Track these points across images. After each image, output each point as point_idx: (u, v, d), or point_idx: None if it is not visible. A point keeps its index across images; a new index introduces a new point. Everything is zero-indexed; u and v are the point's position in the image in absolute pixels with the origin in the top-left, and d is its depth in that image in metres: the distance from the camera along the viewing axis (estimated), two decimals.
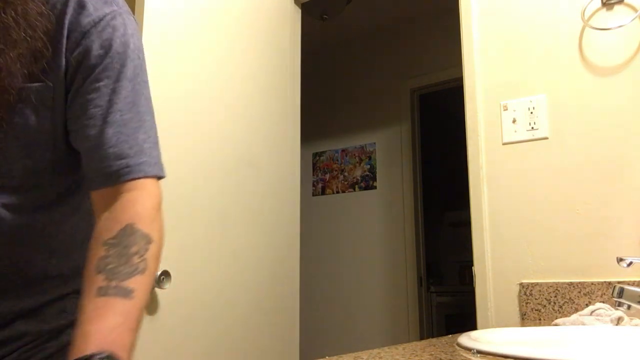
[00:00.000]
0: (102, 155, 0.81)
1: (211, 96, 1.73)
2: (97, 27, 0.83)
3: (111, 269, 0.74)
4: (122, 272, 0.74)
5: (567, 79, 1.59)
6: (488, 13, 1.76)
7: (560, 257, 1.53)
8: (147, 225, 0.81)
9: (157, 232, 0.82)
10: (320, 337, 3.70)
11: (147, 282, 0.77)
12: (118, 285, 0.73)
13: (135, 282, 0.75)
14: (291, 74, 2.13)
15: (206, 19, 1.74)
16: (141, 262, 0.77)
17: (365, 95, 3.86)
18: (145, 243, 0.79)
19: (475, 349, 0.82)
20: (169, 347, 1.49)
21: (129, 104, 0.84)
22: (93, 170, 0.83)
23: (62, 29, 0.82)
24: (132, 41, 0.86)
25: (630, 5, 1.52)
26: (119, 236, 0.77)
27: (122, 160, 0.81)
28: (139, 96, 0.86)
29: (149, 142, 0.86)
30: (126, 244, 0.77)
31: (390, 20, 3.74)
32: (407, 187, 3.55)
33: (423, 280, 3.49)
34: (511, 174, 1.64)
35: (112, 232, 0.78)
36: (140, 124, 0.85)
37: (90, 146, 0.82)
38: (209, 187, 1.68)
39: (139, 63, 0.87)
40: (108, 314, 0.71)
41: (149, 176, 0.84)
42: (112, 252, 0.76)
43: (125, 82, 0.84)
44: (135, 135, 0.83)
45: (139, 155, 0.83)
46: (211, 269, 1.65)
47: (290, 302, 1.97)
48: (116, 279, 0.74)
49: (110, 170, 0.81)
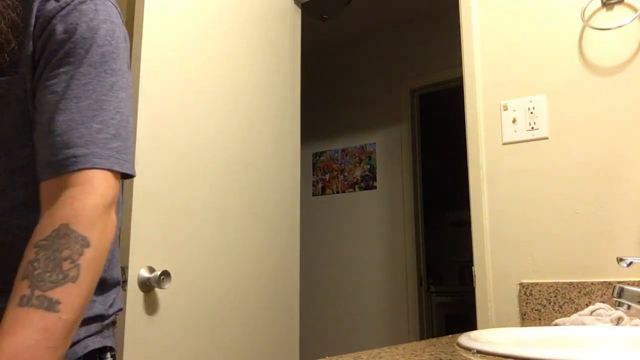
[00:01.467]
0: (48, 144, 0.74)
1: (211, 96, 1.73)
2: (62, 12, 0.79)
3: (37, 275, 0.66)
4: (47, 279, 0.66)
5: (567, 79, 1.59)
6: (488, 13, 1.76)
7: (560, 257, 1.53)
8: (85, 227, 0.70)
9: (97, 234, 0.71)
10: (320, 337, 3.70)
11: (78, 293, 0.68)
12: (41, 296, 0.65)
13: (63, 292, 0.66)
14: (291, 74, 2.13)
15: (206, 19, 1.74)
16: (72, 269, 0.67)
17: (365, 95, 3.86)
18: (79, 247, 0.69)
19: (475, 349, 0.82)
20: (169, 347, 1.49)
21: (87, 91, 0.76)
22: (39, 160, 0.75)
23: (30, 17, 0.79)
24: (104, 27, 0.80)
25: (630, 5, 1.52)
26: (51, 237, 0.68)
27: (68, 150, 0.73)
28: (102, 84, 0.78)
29: (105, 132, 0.76)
30: (57, 247, 0.68)
31: (390, 20, 3.74)
32: (407, 187, 3.55)
33: (423, 280, 3.49)
34: (511, 174, 1.64)
35: (44, 233, 0.69)
36: (97, 113, 0.76)
37: (40, 135, 0.75)
38: (209, 186, 1.68)
39: (109, 49, 0.80)
40: (25, 329, 0.63)
41: (99, 169, 0.74)
42: (41, 255, 0.67)
43: (87, 68, 0.77)
44: (88, 124, 0.75)
45: (88, 146, 0.74)
46: (211, 268, 1.65)
47: (290, 301, 1.97)
48: (40, 288, 0.65)
49: (55, 159, 0.73)
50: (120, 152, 0.78)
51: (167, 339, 1.48)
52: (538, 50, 1.65)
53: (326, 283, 3.77)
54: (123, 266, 1.40)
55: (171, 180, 1.55)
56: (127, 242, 1.40)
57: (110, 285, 0.91)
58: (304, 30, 2.32)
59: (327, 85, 4.06)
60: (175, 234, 1.54)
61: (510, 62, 1.69)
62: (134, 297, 1.40)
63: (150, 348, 1.43)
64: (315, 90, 4.01)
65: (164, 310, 1.48)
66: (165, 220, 1.52)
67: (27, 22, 0.79)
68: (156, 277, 1.42)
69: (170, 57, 1.59)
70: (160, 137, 1.53)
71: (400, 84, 3.71)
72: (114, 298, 0.92)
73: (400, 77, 3.71)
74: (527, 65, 1.66)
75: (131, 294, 1.40)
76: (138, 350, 1.40)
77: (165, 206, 1.52)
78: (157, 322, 1.46)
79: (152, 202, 1.48)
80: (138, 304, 1.42)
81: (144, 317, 1.43)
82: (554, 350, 0.71)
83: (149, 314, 1.44)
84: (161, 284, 1.43)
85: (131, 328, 1.38)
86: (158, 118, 1.53)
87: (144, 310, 1.43)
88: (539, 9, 1.66)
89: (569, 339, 1.03)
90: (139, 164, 1.45)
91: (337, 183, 3.87)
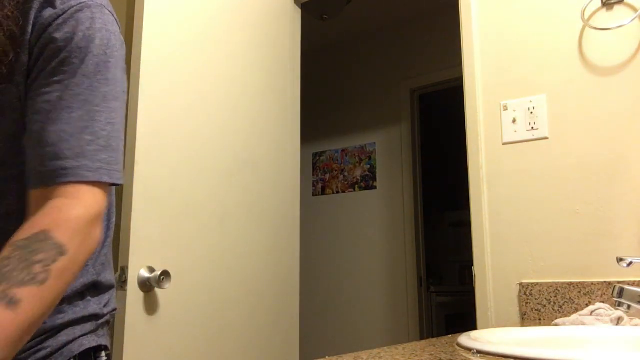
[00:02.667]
0: (39, 154, 0.75)
1: (211, 96, 1.73)
2: (58, 20, 0.79)
3: (6, 272, 0.66)
4: (15, 277, 0.66)
5: (567, 79, 1.59)
6: (488, 13, 1.76)
7: (560, 257, 1.53)
8: (65, 236, 0.71)
9: (76, 245, 0.72)
10: (320, 337, 3.70)
11: (41, 296, 0.68)
12: (4, 291, 0.65)
13: (26, 292, 0.66)
14: (291, 74, 2.13)
15: (206, 19, 1.74)
16: (42, 273, 0.68)
17: (365, 95, 3.86)
18: (55, 254, 0.70)
19: (475, 349, 0.82)
20: (169, 347, 1.49)
21: (80, 102, 0.77)
22: (29, 170, 0.77)
23: (27, 25, 0.79)
24: (99, 36, 0.81)
25: (630, 5, 1.52)
26: (29, 239, 0.70)
27: (58, 162, 0.74)
28: (95, 94, 0.79)
29: (95, 144, 0.77)
30: (33, 249, 0.69)
31: (390, 20, 3.74)
32: (407, 187, 3.55)
33: (423, 280, 3.49)
34: (511, 174, 1.64)
35: (23, 235, 0.70)
36: (88, 124, 0.77)
37: (31, 144, 0.77)
38: (209, 187, 1.68)
39: (103, 59, 0.80)
40: None
41: (88, 182, 0.76)
42: (15, 254, 0.68)
43: (81, 79, 0.78)
44: (79, 136, 0.76)
45: (77, 158, 0.75)
46: (211, 269, 1.65)
47: (290, 301, 1.97)
48: (5, 283, 0.66)
49: (45, 170, 0.75)
50: (110, 163, 0.79)
51: (167, 339, 1.48)
52: (538, 50, 1.65)
53: (326, 283, 3.77)
54: (123, 266, 1.40)
55: (171, 180, 1.55)
56: (127, 242, 1.40)
57: (105, 288, 0.92)
58: (304, 30, 2.32)
59: (327, 85, 4.06)
60: (175, 234, 1.54)
61: (510, 62, 1.69)
62: (134, 297, 1.40)
63: (150, 348, 1.43)
64: (315, 90, 4.01)
65: (164, 310, 1.48)
66: (165, 220, 1.52)
67: (25, 31, 0.79)
68: (156, 277, 1.42)
69: (170, 57, 1.59)
70: (160, 137, 1.53)
71: (400, 84, 3.71)
72: (108, 299, 0.93)
73: (400, 77, 3.71)
74: (527, 65, 1.66)
75: (131, 294, 1.40)
76: (138, 350, 1.40)
77: (166, 206, 1.52)
78: (157, 322, 1.46)
79: (152, 202, 1.48)
80: (138, 304, 1.42)
81: (144, 317, 1.43)
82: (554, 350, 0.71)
83: (149, 314, 1.44)
84: (161, 284, 1.43)
85: (131, 328, 1.38)
86: (158, 118, 1.53)
87: (144, 310, 1.43)
88: (539, 9, 1.66)
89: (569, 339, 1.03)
90: (138, 163, 1.45)
91: (337, 183, 3.87)
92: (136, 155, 1.44)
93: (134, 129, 1.46)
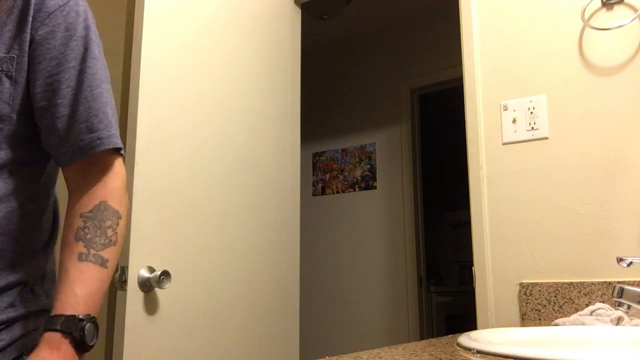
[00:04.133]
0: (75, 131, 0.87)
1: (210, 96, 1.73)
2: (62, 11, 0.89)
3: (89, 238, 0.84)
4: (98, 242, 0.84)
5: (567, 79, 1.59)
6: (488, 13, 1.76)
7: (560, 257, 1.53)
8: (117, 203, 0.89)
9: (124, 209, 0.91)
10: (320, 337, 3.70)
11: (117, 254, 0.87)
12: (96, 255, 0.83)
13: (109, 253, 0.85)
14: (291, 74, 2.13)
15: (206, 19, 1.74)
16: (113, 235, 0.86)
17: (365, 95, 3.86)
18: (116, 218, 0.88)
19: (475, 349, 0.82)
20: (169, 347, 1.49)
21: (97, 80, 0.90)
22: (67, 146, 0.88)
23: (29, 8, 0.88)
24: (92, 26, 0.93)
25: (630, 6, 1.52)
26: (94, 210, 0.86)
27: (93, 134, 0.88)
28: (104, 74, 0.92)
29: (114, 116, 0.92)
30: (101, 217, 0.86)
31: (390, 20, 3.74)
32: (407, 187, 3.55)
33: (423, 280, 3.49)
34: (511, 174, 1.64)
35: (87, 207, 0.86)
36: (107, 100, 0.91)
37: (64, 124, 0.88)
38: (209, 187, 1.68)
39: (98, 43, 0.93)
40: (90, 280, 0.81)
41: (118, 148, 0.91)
42: (89, 224, 0.84)
43: (93, 61, 0.90)
44: (104, 110, 0.90)
45: (108, 129, 0.90)
46: (211, 269, 1.65)
47: (290, 301, 1.97)
48: (94, 249, 0.83)
49: (83, 143, 0.88)
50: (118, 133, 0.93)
51: (167, 339, 1.48)
52: (538, 50, 1.65)
53: (326, 283, 3.77)
54: (123, 266, 1.40)
55: (171, 180, 1.55)
56: (127, 242, 1.40)
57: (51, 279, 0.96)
58: (304, 30, 2.32)
59: (327, 85, 4.06)
60: (175, 234, 1.54)
61: (510, 62, 1.69)
62: (134, 297, 1.40)
63: (150, 348, 1.43)
64: (315, 90, 4.01)
65: (164, 310, 1.48)
66: (165, 220, 1.52)
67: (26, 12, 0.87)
68: (156, 277, 1.42)
69: (170, 57, 1.59)
70: (160, 137, 1.53)
71: (400, 84, 3.71)
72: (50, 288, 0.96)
73: (400, 77, 3.71)
74: (527, 65, 1.66)
75: (131, 294, 1.40)
76: (138, 350, 1.40)
77: (166, 206, 1.52)
78: (157, 322, 1.46)
79: (152, 202, 1.48)
80: (138, 304, 1.42)
81: (144, 317, 1.43)
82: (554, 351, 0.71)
83: (149, 314, 1.44)
84: (161, 284, 1.43)
85: (131, 328, 1.38)
86: (158, 118, 1.53)
87: (144, 310, 1.43)
88: (539, 9, 1.66)
89: (569, 339, 1.03)
90: (138, 163, 1.45)
91: (337, 183, 3.87)
92: (136, 155, 1.44)
93: (133, 128, 1.46)
